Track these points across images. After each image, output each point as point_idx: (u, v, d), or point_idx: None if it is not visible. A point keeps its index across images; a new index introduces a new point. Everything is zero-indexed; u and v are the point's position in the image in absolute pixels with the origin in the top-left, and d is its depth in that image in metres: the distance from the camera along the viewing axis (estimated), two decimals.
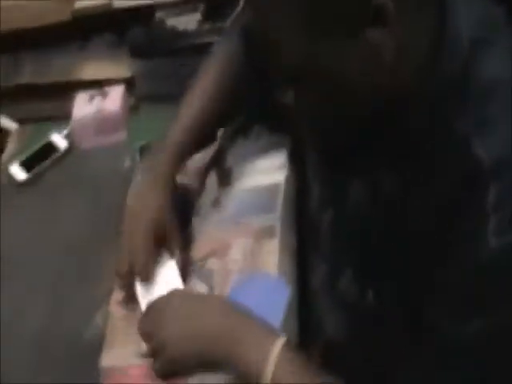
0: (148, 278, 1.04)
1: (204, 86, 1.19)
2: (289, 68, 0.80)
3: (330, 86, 0.79)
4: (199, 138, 1.15)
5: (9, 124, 1.68)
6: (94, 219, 1.27)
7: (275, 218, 1.07)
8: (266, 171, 1.14)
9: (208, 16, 1.67)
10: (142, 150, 1.32)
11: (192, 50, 1.64)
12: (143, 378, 0.98)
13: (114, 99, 1.45)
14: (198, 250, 1.10)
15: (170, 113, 1.40)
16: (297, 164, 1.11)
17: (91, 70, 1.81)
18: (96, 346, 1.05)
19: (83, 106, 1.45)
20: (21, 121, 1.70)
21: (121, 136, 1.41)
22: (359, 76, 0.78)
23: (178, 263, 1.05)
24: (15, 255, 1.25)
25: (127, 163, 1.33)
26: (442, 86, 0.80)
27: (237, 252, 1.06)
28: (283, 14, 0.76)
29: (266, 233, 1.06)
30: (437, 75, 0.80)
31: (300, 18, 0.75)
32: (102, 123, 1.41)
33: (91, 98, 1.47)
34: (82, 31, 1.82)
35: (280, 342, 0.88)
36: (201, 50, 1.67)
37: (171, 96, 1.71)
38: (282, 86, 0.84)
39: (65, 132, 1.45)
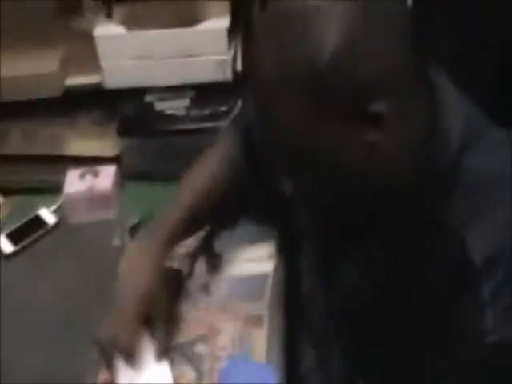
0: (131, 357, 1.06)
1: (201, 176, 1.24)
2: (288, 156, 0.84)
3: (325, 174, 0.83)
4: (192, 223, 1.18)
5: None
6: (79, 294, 1.28)
7: (263, 306, 1.10)
8: (255, 260, 1.18)
9: (196, 102, 1.73)
10: (132, 230, 1.35)
11: (179, 133, 1.70)
12: None
13: (105, 178, 1.48)
14: (187, 332, 1.12)
15: (156, 191, 1.45)
16: (286, 251, 1.16)
17: (79, 146, 1.84)
18: None
19: (75, 183, 1.48)
20: (7, 192, 1.74)
21: (111, 213, 1.43)
22: (353, 167, 0.82)
23: (161, 341, 1.07)
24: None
25: (116, 242, 1.35)
26: (432, 180, 0.84)
27: (225, 338, 1.09)
28: (285, 106, 0.80)
29: (254, 321, 1.09)
30: (428, 169, 0.84)
31: (300, 112, 0.80)
32: (94, 201, 1.43)
33: (83, 175, 1.49)
34: (71, 107, 1.87)
35: None
36: (188, 134, 1.74)
37: (158, 175, 1.77)
38: (279, 177, 0.89)
39: (53, 207, 1.47)
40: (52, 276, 1.33)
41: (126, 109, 1.76)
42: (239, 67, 1.71)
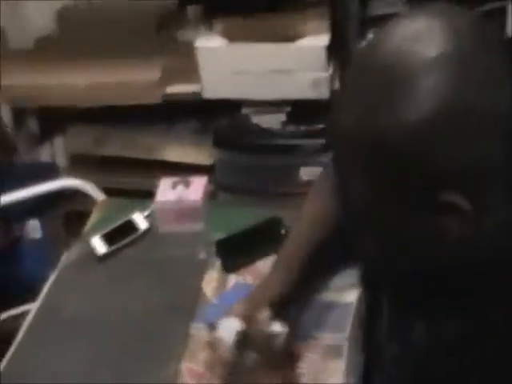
0: None
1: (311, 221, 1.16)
2: (354, 216, 0.79)
3: (392, 247, 0.77)
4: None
5: (96, 194, 1.70)
6: (164, 303, 1.27)
7: (344, 337, 1.06)
8: (339, 289, 1.14)
9: (292, 118, 1.70)
10: (218, 245, 1.33)
11: (274, 149, 1.68)
12: None
13: (196, 189, 1.46)
14: None
15: (247, 206, 1.42)
16: (367, 283, 1.11)
17: (175, 153, 1.85)
18: None
19: (166, 192, 1.47)
20: (104, 191, 1.75)
21: (199, 226, 1.42)
22: (422, 245, 0.75)
23: None
24: (85, 323, 1.24)
25: (202, 255, 1.33)
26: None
27: (303, 365, 1.06)
28: (354, 167, 0.73)
29: (334, 352, 1.04)
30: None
31: (367, 179, 0.72)
32: (183, 211, 1.42)
33: (174, 185, 1.48)
34: (170, 115, 1.88)
35: None
36: (282, 150, 1.72)
37: (249, 189, 1.76)
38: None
39: (146, 213, 1.47)
40: (136, 282, 1.32)
41: (222, 120, 1.76)
42: (336, 86, 1.68)
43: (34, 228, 1.85)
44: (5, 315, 1.37)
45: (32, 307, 1.30)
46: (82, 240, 1.41)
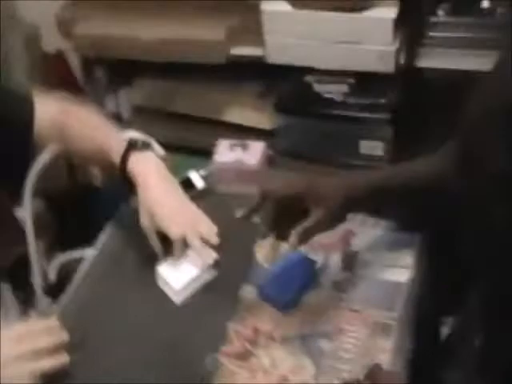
0: None
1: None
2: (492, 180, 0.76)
3: None
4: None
5: (157, 149, 1.68)
6: (218, 259, 1.26)
7: (393, 316, 1.02)
8: (392, 266, 1.09)
9: (355, 90, 1.65)
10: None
11: (335, 119, 1.62)
12: None
13: (254, 153, 1.43)
14: (312, 325, 1.07)
15: (306, 172, 1.38)
16: (424, 265, 1.07)
17: (236, 115, 1.81)
18: None
19: (225, 153, 1.44)
20: (165, 146, 1.72)
21: (256, 190, 1.39)
22: None
23: None
24: (142, 271, 1.22)
25: (257, 219, 1.31)
26: None
27: (350, 340, 1.02)
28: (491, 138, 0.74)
29: (382, 329, 1.00)
30: None
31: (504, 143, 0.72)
32: (240, 174, 1.39)
33: (232, 147, 1.45)
34: (233, 76, 1.83)
35: None
36: (344, 121, 1.66)
37: (308, 156, 1.71)
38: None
39: (203, 172, 1.44)
40: None
41: (285, 86, 1.71)
42: (402, 60, 1.62)
43: (95, 177, 1.85)
44: (62, 259, 1.37)
45: (90, 253, 1.30)
46: None
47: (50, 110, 1.25)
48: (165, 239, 1.16)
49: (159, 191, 1.16)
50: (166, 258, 1.17)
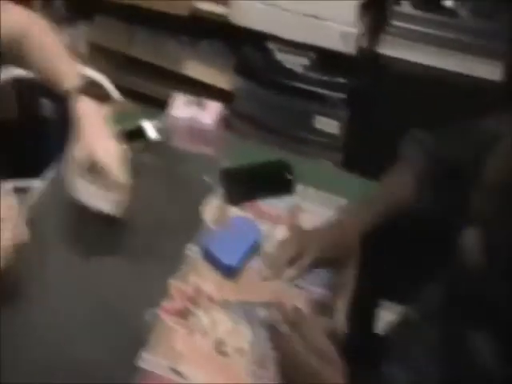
0: None
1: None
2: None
3: None
4: None
5: (112, 90, 1.62)
6: (164, 217, 1.22)
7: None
8: None
9: (316, 65, 1.65)
10: (222, 174, 1.30)
11: (294, 91, 1.62)
12: None
13: (210, 113, 1.40)
14: (249, 290, 1.09)
15: (259, 141, 1.38)
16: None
17: (198, 70, 1.78)
18: (139, 341, 1.03)
19: (180, 108, 1.41)
20: (121, 90, 1.67)
21: (208, 150, 1.38)
22: None
23: None
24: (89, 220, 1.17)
25: (207, 179, 1.30)
26: None
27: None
28: None
29: (322, 309, 1.06)
30: None
31: None
32: (193, 131, 1.37)
33: (189, 103, 1.43)
34: (196, 30, 1.80)
35: None
36: (302, 95, 1.66)
37: (264, 125, 1.70)
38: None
39: (157, 123, 1.42)
40: (140, 189, 1.28)
41: (247, 49, 1.69)
42: (364, 45, 1.63)
43: (48, 109, 1.78)
44: (11, 186, 1.33)
45: (37, 184, 1.26)
46: None
47: (16, 17, 1.21)
48: None
49: (97, 133, 1.15)
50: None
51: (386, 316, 1.14)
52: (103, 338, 1.04)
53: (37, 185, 1.26)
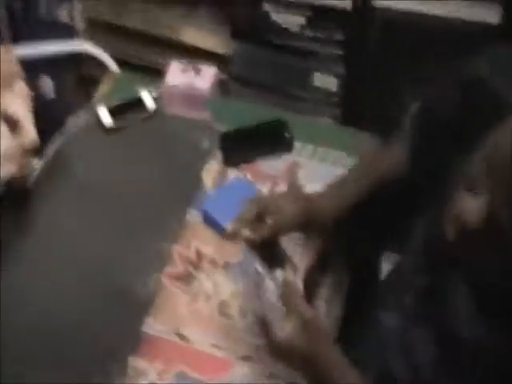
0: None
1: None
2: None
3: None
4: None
5: (110, 63, 1.60)
6: (163, 184, 1.20)
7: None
8: None
9: (312, 23, 1.60)
10: (222, 137, 1.27)
11: (291, 50, 1.57)
12: (177, 356, 0.96)
13: (205, 78, 1.36)
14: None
15: (256, 102, 1.35)
16: None
17: (192, 36, 1.73)
18: (142, 308, 1.01)
19: (176, 75, 1.37)
20: (119, 62, 1.64)
21: (205, 115, 1.34)
22: None
23: None
24: (89, 186, 1.19)
25: (206, 144, 1.27)
26: None
27: None
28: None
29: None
30: None
31: None
32: (190, 97, 1.34)
33: (184, 70, 1.39)
34: None
35: None
36: (299, 53, 1.62)
37: (261, 86, 1.66)
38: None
39: (154, 93, 1.39)
40: (139, 159, 1.25)
41: (242, 12, 1.65)
42: None
43: (48, 88, 1.76)
44: None
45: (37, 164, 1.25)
46: (89, 108, 1.32)
47: None
48: None
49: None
50: None
51: (385, 267, 1.11)
52: (107, 305, 1.02)
53: (38, 164, 1.24)
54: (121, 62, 1.62)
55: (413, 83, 1.06)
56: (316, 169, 1.17)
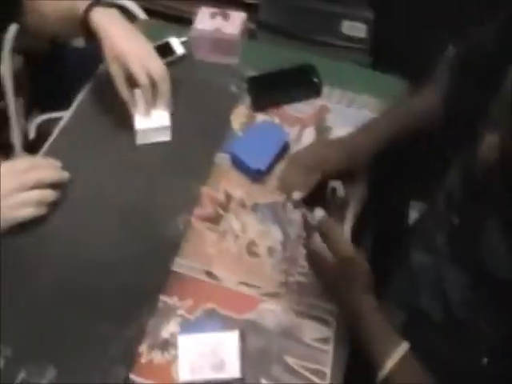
0: None
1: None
2: None
3: None
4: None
5: (138, 12, 1.57)
6: (193, 126, 1.18)
7: None
8: None
9: None
10: (250, 82, 1.24)
11: None
12: (206, 294, 0.96)
13: (234, 24, 1.34)
14: (277, 192, 1.05)
15: (285, 48, 1.31)
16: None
17: None
18: (172, 247, 1.00)
19: (204, 21, 1.35)
20: (146, 11, 1.62)
21: (234, 60, 1.31)
22: None
23: None
24: (112, 136, 1.16)
25: (233, 88, 1.24)
26: None
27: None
28: None
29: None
30: None
31: None
32: (219, 43, 1.31)
33: (213, 16, 1.36)
34: None
35: (405, 346, 0.80)
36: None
37: (290, 32, 1.61)
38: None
39: (183, 38, 1.37)
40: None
41: None
42: None
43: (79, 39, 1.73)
44: (42, 118, 1.31)
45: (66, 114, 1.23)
46: None
47: None
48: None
49: (122, 39, 1.10)
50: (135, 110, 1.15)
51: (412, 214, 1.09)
52: (137, 244, 1.02)
53: (68, 114, 1.23)
54: (149, 12, 1.59)
55: (446, 28, 1.01)
56: (344, 113, 1.14)
